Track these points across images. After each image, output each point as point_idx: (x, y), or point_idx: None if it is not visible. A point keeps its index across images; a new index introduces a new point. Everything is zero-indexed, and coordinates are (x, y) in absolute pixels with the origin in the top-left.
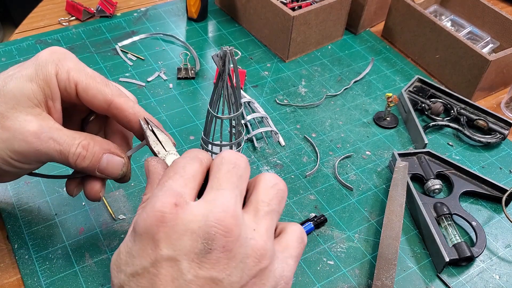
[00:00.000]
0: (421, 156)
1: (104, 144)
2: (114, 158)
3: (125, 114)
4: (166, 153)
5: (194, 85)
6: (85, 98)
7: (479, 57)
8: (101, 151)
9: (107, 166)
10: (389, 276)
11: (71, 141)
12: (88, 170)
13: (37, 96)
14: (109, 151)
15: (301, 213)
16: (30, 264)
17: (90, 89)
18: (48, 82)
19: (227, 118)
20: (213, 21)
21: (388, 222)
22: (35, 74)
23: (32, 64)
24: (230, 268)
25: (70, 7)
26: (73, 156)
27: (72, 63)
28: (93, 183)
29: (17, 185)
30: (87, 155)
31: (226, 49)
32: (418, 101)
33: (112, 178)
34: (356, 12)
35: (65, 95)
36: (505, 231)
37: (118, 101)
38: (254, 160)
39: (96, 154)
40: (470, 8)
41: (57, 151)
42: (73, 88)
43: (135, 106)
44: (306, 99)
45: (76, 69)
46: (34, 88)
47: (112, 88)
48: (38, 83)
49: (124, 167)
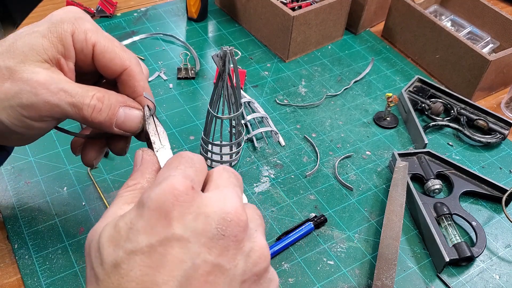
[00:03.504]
0: (421, 156)
1: (119, 97)
2: (132, 111)
3: (135, 84)
4: (161, 146)
5: (194, 85)
6: (101, 61)
7: (479, 57)
8: (118, 103)
9: (125, 120)
10: (389, 276)
11: (85, 92)
12: (105, 126)
13: (47, 51)
14: (125, 104)
15: (301, 213)
16: (30, 264)
17: (108, 52)
18: (62, 40)
19: (227, 118)
20: (213, 21)
21: (388, 222)
22: (48, 31)
23: (46, 22)
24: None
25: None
26: (88, 109)
27: (89, 23)
28: (117, 141)
29: (17, 185)
30: (103, 107)
31: (226, 49)
32: (418, 101)
33: (130, 134)
34: (356, 12)
35: (81, 56)
36: (505, 231)
37: (134, 69)
38: (254, 160)
39: (112, 107)
40: (470, 8)
41: (70, 103)
42: (90, 49)
43: (146, 81)
44: (306, 99)
45: (94, 30)
46: (45, 44)
47: (130, 54)
48: (51, 40)
49: (142, 121)
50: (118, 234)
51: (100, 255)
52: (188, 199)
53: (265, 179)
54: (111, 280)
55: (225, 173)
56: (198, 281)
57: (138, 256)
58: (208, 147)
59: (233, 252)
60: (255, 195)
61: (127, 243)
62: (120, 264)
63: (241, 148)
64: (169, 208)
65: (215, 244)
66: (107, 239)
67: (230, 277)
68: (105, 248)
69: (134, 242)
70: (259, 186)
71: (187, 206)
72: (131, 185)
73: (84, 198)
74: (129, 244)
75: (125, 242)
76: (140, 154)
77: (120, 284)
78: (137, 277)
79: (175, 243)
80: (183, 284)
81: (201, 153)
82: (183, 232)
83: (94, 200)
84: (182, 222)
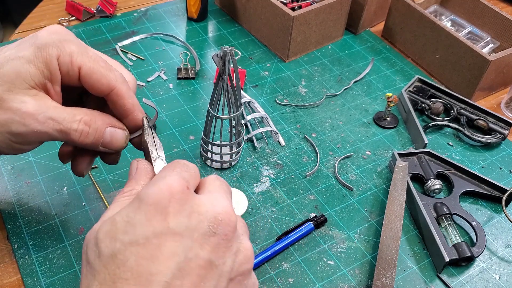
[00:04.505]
0: (421, 156)
1: (105, 118)
2: (117, 132)
3: (123, 102)
4: (158, 156)
5: (194, 85)
6: (87, 82)
7: (479, 57)
8: (104, 125)
9: (111, 140)
10: (389, 276)
11: (71, 118)
12: (92, 147)
13: (34, 78)
14: (111, 124)
15: (301, 213)
16: (30, 264)
17: (94, 73)
18: (48, 64)
19: (227, 118)
20: (213, 21)
21: (388, 222)
22: (33, 56)
23: (31, 45)
24: (225, 257)
25: (70, 7)
26: (76, 133)
27: (74, 45)
28: (84, 158)
29: (17, 185)
30: (90, 131)
31: (226, 49)
32: (418, 101)
33: (115, 151)
34: (356, 12)
35: (67, 78)
36: (505, 231)
37: (121, 88)
38: (254, 160)
39: (99, 130)
40: (470, 8)
41: (57, 130)
42: (76, 71)
43: (134, 97)
44: (306, 99)
45: (79, 52)
46: (32, 70)
47: (116, 74)
48: (37, 65)
49: (127, 139)
50: (115, 228)
51: (97, 249)
52: (183, 197)
53: (265, 179)
54: (107, 271)
55: (217, 181)
56: (189, 274)
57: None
58: (208, 147)
59: (222, 250)
60: (255, 195)
61: (124, 235)
62: (116, 254)
63: (241, 148)
64: (166, 204)
65: (207, 241)
66: (105, 233)
67: (219, 273)
68: (102, 241)
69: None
70: (259, 186)
71: (182, 204)
72: (127, 191)
73: (84, 198)
74: (126, 236)
75: (122, 235)
76: (135, 164)
77: (116, 274)
78: (132, 267)
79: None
80: (176, 275)
81: (201, 153)
82: (177, 227)
83: (94, 200)
84: (177, 218)
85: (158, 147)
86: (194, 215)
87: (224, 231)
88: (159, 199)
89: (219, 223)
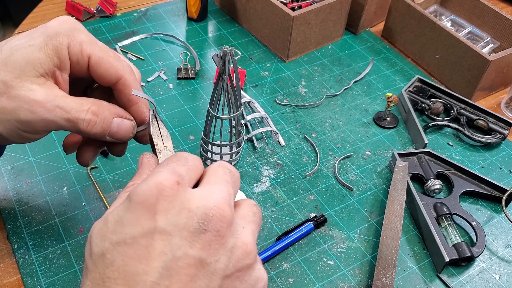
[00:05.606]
0: (421, 156)
1: (112, 108)
2: (124, 122)
3: (130, 93)
4: (164, 148)
5: (194, 85)
6: (96, 71)
7: (479, 57)
8: (111, 115)
9: (118, 130)
10: (389, 276)
11: (79, 107)
12: (99, 136)
13: (44, 65)
14: (118, 115)
15: (301, 213)
16: (30, 264)
17: (103, 62)
18: (58, 52)
19: (227, 118)
20: (213, 21)
21: (388, 222)
22: (44, 44)
23: (41, 34)
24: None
25: (70, 7)
26: (83, 123)
27: (84, 35)
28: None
29: (17, 185)
30: (98, 121)
31: (226, 49)
32: (418, 101)
33: (122, 141)
34: (356, 12)
35: (76, 67)
36: (505, 231)
37: (128, 78)
38: (254, 160)
39: (106, 119)
40: (470, 8)
41: (65, 119)
42: (86, 60)
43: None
44: (306, 99)
45: (89, 42)
46: (42, 58)
47: (124, 64)
48: (47, 53)
49: (134, 130)
50: (106, 227)
51: (90, 247)
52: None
53: (265, 179)
54: (97, 270)
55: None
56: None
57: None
58: (208, 147)
59: (215, 247)
60: (255, 195)
61: (113, 235)
62: (105, 254)
63: (241, 148)
64: (153, 202)
65: (197, 238)
66: (97, 231)
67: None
68: (94, 239)
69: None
70: (259, 186)
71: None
72: (129, 186)
73: (84, 198)
74: (114, 236)
75: (111, 234)
76: (141, 158)
77: (104, 273)
78: (119, 267)
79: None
80: (163, 275)
81: (201, 153)
82: (165, 225)
83: (94, 200)
84: (165, 216)
85: (165, 138)
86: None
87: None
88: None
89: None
